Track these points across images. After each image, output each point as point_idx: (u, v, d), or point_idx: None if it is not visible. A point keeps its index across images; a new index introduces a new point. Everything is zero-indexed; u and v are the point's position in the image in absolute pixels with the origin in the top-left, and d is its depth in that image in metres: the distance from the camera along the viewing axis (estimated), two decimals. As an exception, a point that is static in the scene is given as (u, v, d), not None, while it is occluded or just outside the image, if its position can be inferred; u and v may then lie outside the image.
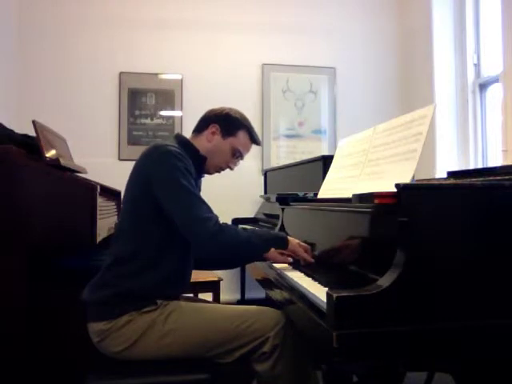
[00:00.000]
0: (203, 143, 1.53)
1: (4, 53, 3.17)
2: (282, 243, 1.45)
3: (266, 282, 1.48)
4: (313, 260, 1.44)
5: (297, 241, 1.47)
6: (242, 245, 1.38)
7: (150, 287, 1.35)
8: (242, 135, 1.55)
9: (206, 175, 1.61)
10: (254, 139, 1.58)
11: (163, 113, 3.61)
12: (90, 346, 1.35)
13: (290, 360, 1.32)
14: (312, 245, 1.49)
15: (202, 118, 1.58)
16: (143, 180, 1.38)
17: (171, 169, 1.35)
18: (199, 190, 1.57)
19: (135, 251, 1.36)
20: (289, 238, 1.46)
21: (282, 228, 1.84)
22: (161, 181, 1.35)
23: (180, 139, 1.52)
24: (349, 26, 3.90)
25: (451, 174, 1.32)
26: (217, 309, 1.42)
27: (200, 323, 1.35)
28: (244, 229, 1.46)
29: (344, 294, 0.81)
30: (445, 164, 3.35)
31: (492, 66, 3.24)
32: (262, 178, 3.63)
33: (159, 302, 1.36)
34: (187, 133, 1.60)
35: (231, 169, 1.60)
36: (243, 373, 1.39)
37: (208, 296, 2.32)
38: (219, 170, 1.59)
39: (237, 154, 1.57)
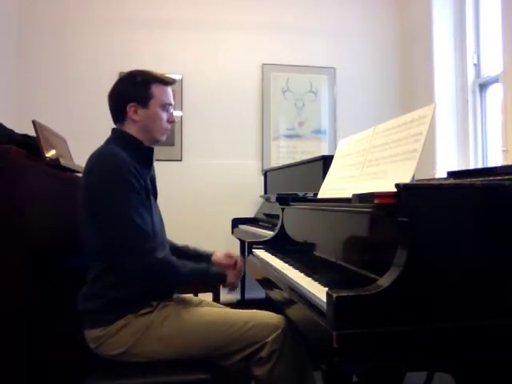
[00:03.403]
0: (133, 126, 1.46)
1: (4, 52, 3.17)
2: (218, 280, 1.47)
3: (265, 282, 1.48)
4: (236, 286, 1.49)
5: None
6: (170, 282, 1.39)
7: (141, 292, 1.34)
8: (156, 90, 1.46)
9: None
10: (166, 82, 1.50)
11: (163, 113, 3.60)
12: (89, 346, 1.35)
13: (288, 365, 1.31)
14: (312, 245, 1.49)
15: (112, 106, 1.50)
16: (91, 197, 1.34)
17: (114, 189, 1.30)
18: (154, 180, 1.52)
19: (112, 265, 1.33)
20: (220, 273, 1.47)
21: (282, 228, 1.83)
22: (104, 206, 1.30)
23: (119, 136, 1.47)
24: (349, 26, 3.90)
25: (451, 174, 1.32)
26: (215, 313, 1.41)
27: (197, 327, 1.33)
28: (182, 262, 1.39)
29: (344, 293, 0.81)
30: (445, 164, 3.35)
31: (492, 65, 3.24)
32: (262, 178, 3.62)
33: (154, 303, 1.35)
34: (186, 133, 1.58)
35: (173, 121, 1.53)
36: (243, 373, 1.39)
37: (208, 296, 2.32)
38: (166, 131, 1.52)
39: (167, 107, 1.49)
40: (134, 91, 1.45)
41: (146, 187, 1.39)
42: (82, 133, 3.32)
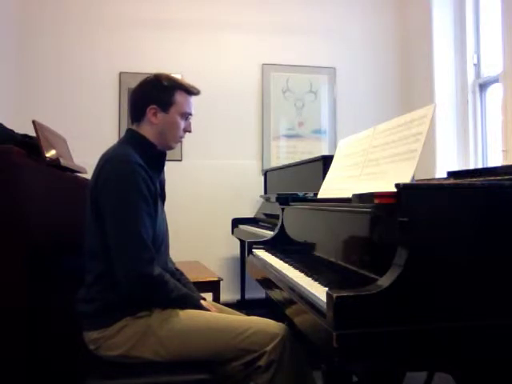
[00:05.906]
0: (149, 128, 1.46)
1: (4, 53, 3.17)
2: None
3: (265, 282, 1.48)
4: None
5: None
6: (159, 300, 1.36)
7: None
8: (179, 97, 1.47)
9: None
10: (191, 92, 1.50)
11: (163, 113, 3.60)
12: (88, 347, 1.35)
13: (288, 376, 1.30)
14: (312, 245, 1.49)
15: (132, 104, 1.50)
16: (99, 198, 1.33)
17: (123, 194, 1.30)
18: (163, 184, 1.53)
19: (112, 267, 1.31)
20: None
21: (282, 228, 1.83)
22: (111, 209, 1.30)
23: (134, 137, 1.46)
24: (349, 25, 3.90)
25: (451, 174, 1.33)
26: (215, 318, 1.39)
27: (197, 332, 1.33)
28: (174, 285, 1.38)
29: (344, 293, 0.81)
30: (445, 164, 3.35)
31: (492, 66, 3.24)
32: (262, 178, 3.63)
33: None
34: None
35: (190, 131, 1.54)
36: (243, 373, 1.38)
37: (208, 296, 2.31)
38: (180, 139, 1.53)
39: (186, 116, 1.50)
40: (158, 94, 1.45)
41: (155, 191, 1.39)
42: (82, 133, 3.33)
